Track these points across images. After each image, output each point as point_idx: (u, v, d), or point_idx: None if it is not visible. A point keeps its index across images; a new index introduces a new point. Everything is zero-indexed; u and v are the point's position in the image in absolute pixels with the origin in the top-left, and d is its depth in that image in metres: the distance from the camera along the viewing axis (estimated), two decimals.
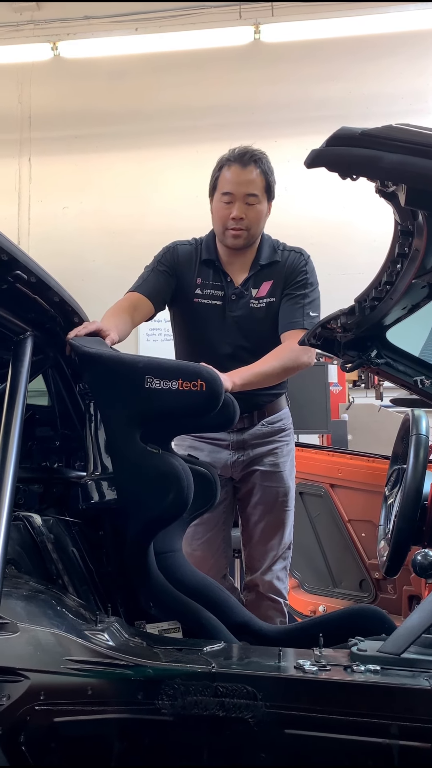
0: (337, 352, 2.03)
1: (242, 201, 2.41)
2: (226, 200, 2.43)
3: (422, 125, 1.28)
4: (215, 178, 2.47)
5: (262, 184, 2.42)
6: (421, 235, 1.39)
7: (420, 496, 1.95)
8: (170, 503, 1.62)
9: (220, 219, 2.46)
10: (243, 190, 2.40)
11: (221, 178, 2.44)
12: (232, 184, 2.41)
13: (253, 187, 2.41)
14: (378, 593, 3.00)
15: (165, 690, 1.28)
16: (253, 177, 2.40)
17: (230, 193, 2.41)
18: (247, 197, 2.41)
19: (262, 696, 1.27)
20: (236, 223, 2.42)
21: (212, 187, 2.49)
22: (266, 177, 2.43)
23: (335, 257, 6.04)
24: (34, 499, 1.87)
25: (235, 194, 2.41)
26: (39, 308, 1.71)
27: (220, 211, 2.45)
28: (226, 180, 2.42)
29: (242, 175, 2.40)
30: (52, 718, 1.25)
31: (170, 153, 7.17)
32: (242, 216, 2.41)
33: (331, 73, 6.93)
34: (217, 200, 2.47)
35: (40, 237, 7.30)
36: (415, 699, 1.27)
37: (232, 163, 2.41)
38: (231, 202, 2.42)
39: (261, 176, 2.42)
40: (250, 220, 2.43)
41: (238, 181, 2.40)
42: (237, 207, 2.41)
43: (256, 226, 2.46)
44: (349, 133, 1.27)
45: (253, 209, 2.42)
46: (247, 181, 2.40)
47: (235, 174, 2.40)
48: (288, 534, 2.54)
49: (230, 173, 2.41)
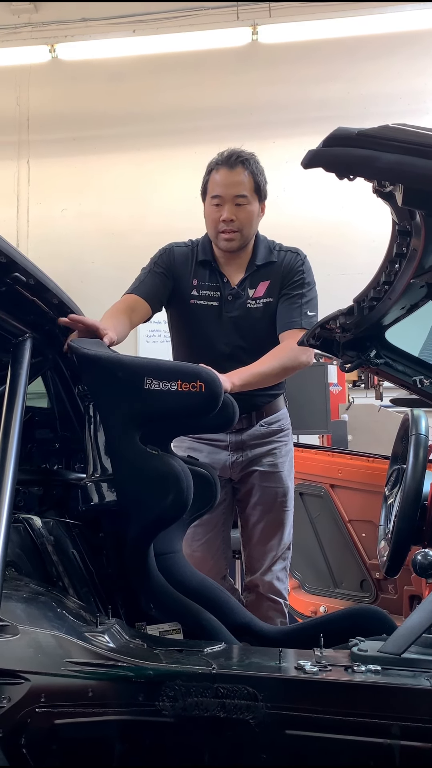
0: (336, 353, 2.03)
1: (231, 203, 2.42)
2: (216, 203, 2.44)
3: (419, 125, 1.28)
4: (205, 182, 2.49)
5: (251, 185, 2.43)
6: (419, 234, 1.39)
7: (420, 496, 1.95)
8: (170, 504, 1.62)
9: (212, 222, 2.47)
10: (231, 192, 2.41)
11: (210, 182, 2.46)
12: (220, 186, 2.42)
13: (242, 189, 2.41)
14: (379, 593, 3.00)
15: (166, 691, 1.28)
16: (241, 178, 2.41)
17: (219, 195, 2.43)
18: (236, 198, 2.42)
19: (263, 697, 1.27)
20: (227, 225, 2.43)
21: (203, 192, 2.51)
22: (254, 177, 2.43)
23: (334, 257, 6.05)
24: (33, 501, 1.87)
25: (224, 197, 2.42)
26: (38, 310, 1.71)
27: (212, 214, 2.47)
28: (214, 183, 2.44)
29: (230, 177, 2.41)
30: (52, 720, 1.25)
31: (168, 154, 7.18)
32: (232, 218, 2.42)
33: (329, 73, 6.93)
34: (207, 204, 2.49)
35: (39, 239, 7.31)
36: (416, 699, 1.27)
37: (220, 167, 2.43)
38: (220, 205, 2.43)
39: (249, 177, 2.42)
40: (241, 221, 2.44)
41: (225, 183, 2.42)
42: (227, 209, 2.42)
43: (248, 227, 2.46)
44: (346, 134, 1.27)
45: (243, 210, 2.43)
46: (234, 183, 2.41)
47: (223, 176, 2.42)
48: (287, 534, 2.54)
49: (218, 176, 2.43)
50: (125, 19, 6.82)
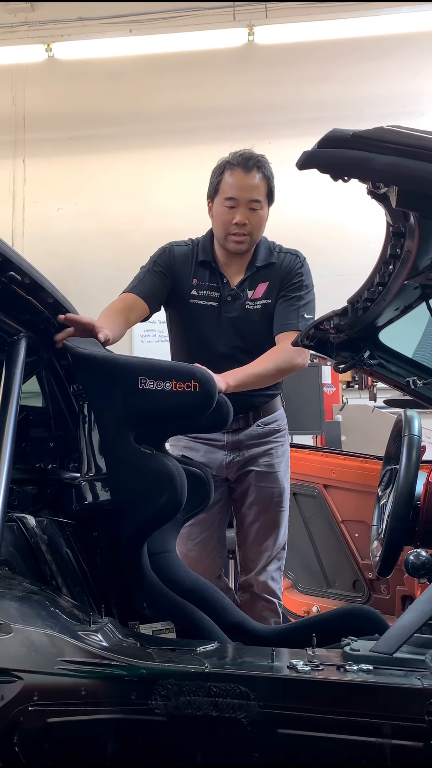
0: (331, 353, 2.04)
1: (246, 206, 2.39)
2: (229, 205, 2.41)
3: (414, 127, 1.29)
4: (217, 182, 2.44)
5: (265, 189, 2.42)
6: (413, 236, 1.39)
7: (412, 497, 1.95)
8: (164, 504, 1.62)
9: (223, 224, 2.44)
10: (247, 196, 2.39)
11: (224, 182, 2.42)
12: (235, 189, 2.39)
13: (257, 193, 2.40)
14: (371, 593, 3.00)
15: (158, 690, 1.28)
16: (257, 182, 2.39)
17: (234, 198, 2.39)
18: (251, 203, 2.39)
19: (255, 696, 1.27)
20: (239, 229, 2.41)
21: (213, 190, 2.46)
22: (268, 182, 2.42)
23: (329, 258, 6.04)
24: (28, 501, 1.87)
25: (238, 200, 2.39)
26: (33, 309, 1.71)
27: (223, 215, 2.43)
28: (228, 184, 2.40)
29: (246, 180, 2.38)
30: (45, 719, 1.25)
31: (165, 154, 7.17)
32: (245, 221, 2.40)
33: (325, 74, 6.94)
34: (219, 204, 2.44)
35: (35, 238, 7.30)
36: (407, 698, 1.27)
37: (236, 168, 2.39)
38: (234, 207, 2.40)
39: (264, 182, 2.40)
40: (253, 225, 2.42)
41: (241, 186, 2.38)
42: (240, 212, 2.39)
43: (258, 232, 2.46)
44: (341, 135, 1.27)
45: (255, 215, 2.42)
46: (251, 187, 2.38)
47: (239, 179, 2.38)
48: (282, 534, 2.55)
49: (233, 178, 2.39)
50: (122, 19, 6.81)
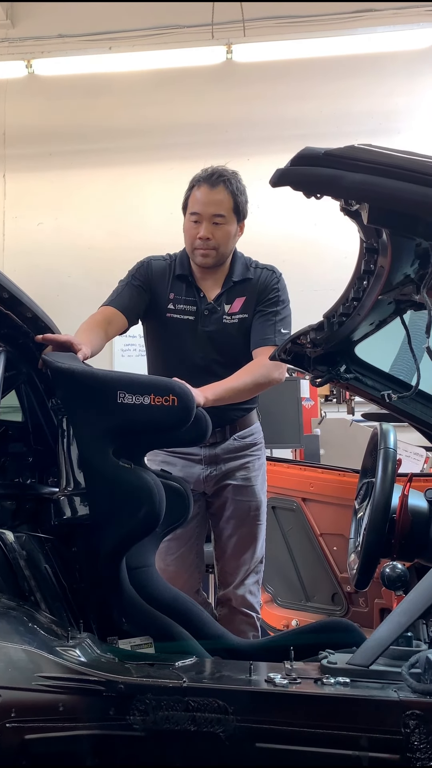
0: (307, 367, 2.06)
1: (209, 221, 2.44)
2: (194, 219, 2.46)
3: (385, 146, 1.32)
4: (186, 198, 2.51)
5: (230, 204, 2.45)
6: (386, 252, 1.42)
7: (388, 509, 1.96)
8: (143, 518, 1.63)
9: (189, 238, 2.50)
10: (210, 211, 2.43)
11: (191, 198, 2.48)
12: (199, 204, 2.44)
13: (220, 208, 2.43)
14: (350, 606, 3.01)
15: (136, 705, 1.28)
16: (221, 198, 2.43)
17: (198, 213, 2.45)
18: (214, 217, 2.44)
19: (233, 710, 1.28)
20: (204, 243, 2.45)
21: (183, 206, 2.53)
22: (235, 198, 2.45)
23: (306, 274, 6.09)
24: (6, 516, 1.85)
25: (202, 214, 2.44)
26: (11, 324, 1.72)
27: (189, 230, 2.49)
28: (195, 200, 2.46)
29: (209, 196, 2.43)
30: (23, 736, 1.25)
31: (145, 170, 7.20)
32: (209, 236, 2.44)
33: (302, 92, 7.02)
34: (186, 219, 2.51)
35: (15, 252, 7.28)
36: (384, 710, 1.28)
37: (202, 183, 2.45)
38: (198, 222, 2.45)
39: (229, 197, 2.44)
40: (218, 239, 2.46)
41: (204, 201, 2.43)
42: (204, 227, 2.44)
43: (224, 246, 2.49)
44: (313, 153, 1.30)
45: (220, 229, 2.45)
46: (214, 202, 2.43)
47: (203, 194, 2.43)
48: (260, 548, 2.56)
49: (199, 193, 2.45)
50: (102, 36, 6.85)
